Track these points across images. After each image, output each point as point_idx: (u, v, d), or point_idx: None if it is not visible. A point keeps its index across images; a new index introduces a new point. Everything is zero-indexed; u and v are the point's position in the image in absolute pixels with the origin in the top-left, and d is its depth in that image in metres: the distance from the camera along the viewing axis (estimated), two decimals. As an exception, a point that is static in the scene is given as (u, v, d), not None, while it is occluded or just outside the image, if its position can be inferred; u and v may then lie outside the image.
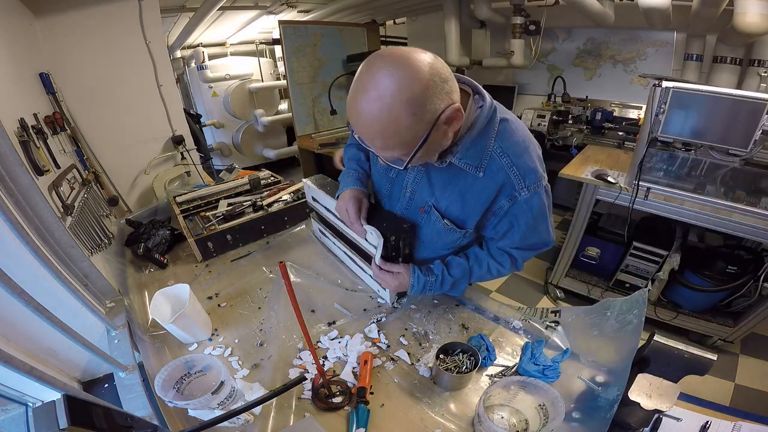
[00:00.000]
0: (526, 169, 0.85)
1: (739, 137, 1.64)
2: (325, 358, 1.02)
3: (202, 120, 4.22)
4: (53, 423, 0.49)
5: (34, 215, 1.04)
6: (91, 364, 1.12)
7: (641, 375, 0.77)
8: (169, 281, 1.38)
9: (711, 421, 0.85)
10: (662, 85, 1.71)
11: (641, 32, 3.02)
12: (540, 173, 0.88)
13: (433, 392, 0.92)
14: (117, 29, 1.81)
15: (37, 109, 1.35)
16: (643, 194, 2.02)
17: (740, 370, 2.11)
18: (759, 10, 1.94)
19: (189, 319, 1.04)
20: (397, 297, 1.21)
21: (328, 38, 3.47)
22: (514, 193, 0.87)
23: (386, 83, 0.65)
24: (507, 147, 0.85)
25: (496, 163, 0.85)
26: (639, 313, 0.83)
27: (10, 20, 1.38)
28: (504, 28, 3.55)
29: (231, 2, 3.19)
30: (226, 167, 3.22)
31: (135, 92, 1.96)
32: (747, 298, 2.08)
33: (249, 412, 0.83)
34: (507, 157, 0.85)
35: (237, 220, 1.57)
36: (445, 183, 0.93)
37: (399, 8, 3.85)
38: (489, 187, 0.88)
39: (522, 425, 0.83)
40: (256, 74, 4.71)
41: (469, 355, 0.94)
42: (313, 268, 1.40)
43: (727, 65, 2.50)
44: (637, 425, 0.76)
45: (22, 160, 1.03)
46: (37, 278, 0.97)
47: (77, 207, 1.35)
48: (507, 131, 0.85)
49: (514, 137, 0.86)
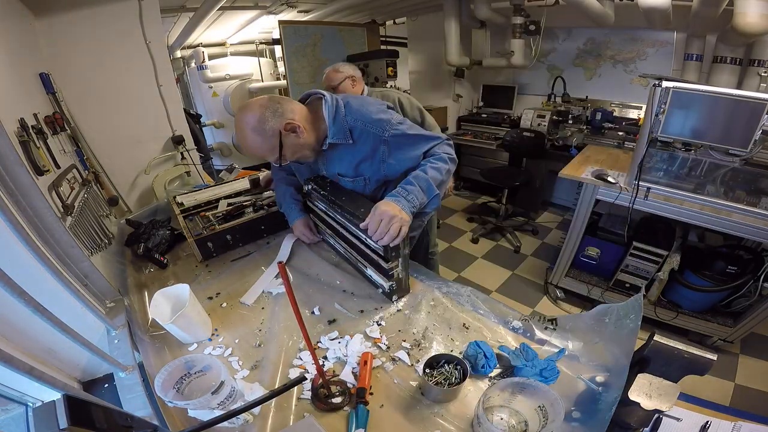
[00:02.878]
0: (375, 121, 1.19)
1: (739, 137, 1.64)
2: (324, 359, 1.02)
3: (202, 120, 4.21)
4: (53, 423, 0.49)
5: (34, 215, 1.04)
6: (91, 364, 1.12)
7: (641, 375, 0.77)
8: (169, 281, 1.38)
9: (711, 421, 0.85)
10: (662, 85, 1.71)
11: (641, 32, 3.02)
12: (386, 119, 1.19)
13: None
14: (117, 29, 1.81)
15: (37, 109, 1.35)
16: (643, 194, 2.02)
17: (740, 370, 2.11)
18: (759, 10, 1.94)
19: (189, 319, 1.04)
20: (398, 296, 1.21)
21: (328, 38, 3.47)
22: (382, 137, 1.19)
23: (241, 124, 1.10)
24: (355, 116, 1.20)
25: (357, 128, 1.19)
26: (636, 318, 0.84)
27: (10, 20, 1.38)
28: (504, 28, 3.55)
29: (231, 2, 3.18)
30: (226, 167, 3.22)
31: (135, 92, 1.96)
32: (747, 298, 2.08)
33: (249, 412, 0.83)
34: (359, 121, 1.19)
35: (237, 220, 1.57)
36: (337, 159, 1.28)
37: (399, 8, 3.84)
38: (364, 146, 1.21)
39: (521, 426, 0.83)
40: (256, 74, 4.71)
41: (455, 365, 0.93)
42: (313, 268, 1.40)
43: (727, 65, 2.50)
44: (637, 425, 0.76)
45: (22, 160, 1.03)
46: (37, 278, 0.97)
47: (77, 207, 1.35)
48: (349, 107, 1.21)
49: (355, 109, 1.21)
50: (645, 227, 2.39)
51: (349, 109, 1.21)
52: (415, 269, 1.36)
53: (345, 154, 1.26)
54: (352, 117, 1.20)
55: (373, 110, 1.21)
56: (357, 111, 1.21)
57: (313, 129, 1.20)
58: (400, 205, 1.09)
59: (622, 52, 3.25)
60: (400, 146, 1.22)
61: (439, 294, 1.24)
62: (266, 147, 1.13)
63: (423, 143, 1.25)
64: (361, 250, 1.25)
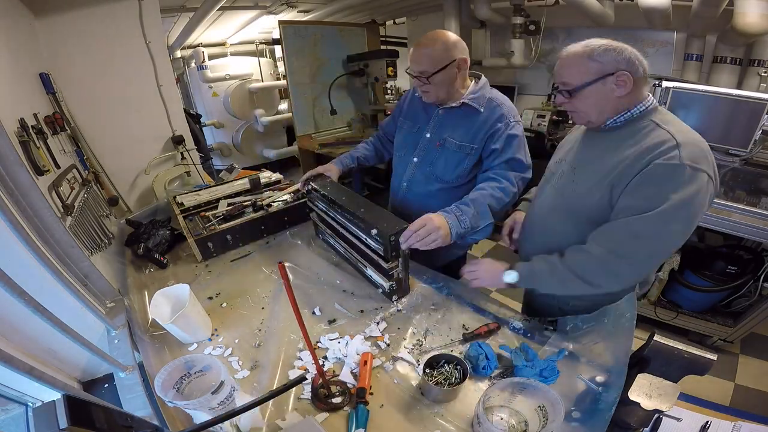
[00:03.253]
0: (510, 108, 1.30)
1: (739, 137, 1.64)
2: (325, 359, 1.02)
3: (202, 120, 4.21)
4: (53, 423, 0.48)
5: (34, 215, 1.04)
6: (91, 364, 1.12)
7: (641, 375, 0.77)
8: (169, 281, 1.38)
9: (711, 421, 0.85)
10: (662, 85, 1.71)
11: (641, 32, 3.01)
12: (518, 118, 1.30)
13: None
14: (117, 29, 1.81)
15: (37, 109, 1.35)
16: (643, 194, 2.02)
17: (740, 370, 2.11)
18: (759, 10, 1.94)
19: (189, 319, 1.04)
20: (398, 296, 1.21)
21: (328, 38, 3.46)
22: (506, 120, 1.26)
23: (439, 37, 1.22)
24: (497, 97, 1.31)
25: (491, 103, 1.28)
26: (631, 317, 0.85)
27: (10, 20, 1.38)
28: (504, 28, 3.54)
29: (231, 2, 3.18)
30: (226, 167, 3.22)
31: (135, 92, 1.96)
32: (747, 298, 2.08)
33: (249, 412, 0.83)
34: (497, 101, 1.29)
35: (237, 220, 1.57)
36: (455, 122, 1.33)
37: (399, 8, 3.84)
38: (489, 117, 1.27)
39: (522, 426, 0.83)
40: (256, 74, 4.70)
41: (455, 365, 0.93)
42: (313, 268, 1.40)
43: (727, 65, 2.50)
44: (637, 425, 0.76)
45: (22, 160, 1.03)
46: (37, 278, 0.97)
47: (77, 207, 1.35)
48: (494, 93, 1.33)
49: (502, 97, 1.32)
50: (645, 227, 2.39)
51: (495, 92, 1.33)
52: (415, 269, 1.36)
53: (464, 120, 1.31)
54: (494, 95, 1.31)
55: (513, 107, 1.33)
56: (500, 96, 1.32)
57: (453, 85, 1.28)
58: (449, 222, 1.12)
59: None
60: (508, 138, 1.26)
61: (439, 294, 1.24)
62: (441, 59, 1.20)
63: (517, 158, 1.27)
64: (361, 250, 1.25)
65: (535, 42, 3.18)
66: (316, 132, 3.69)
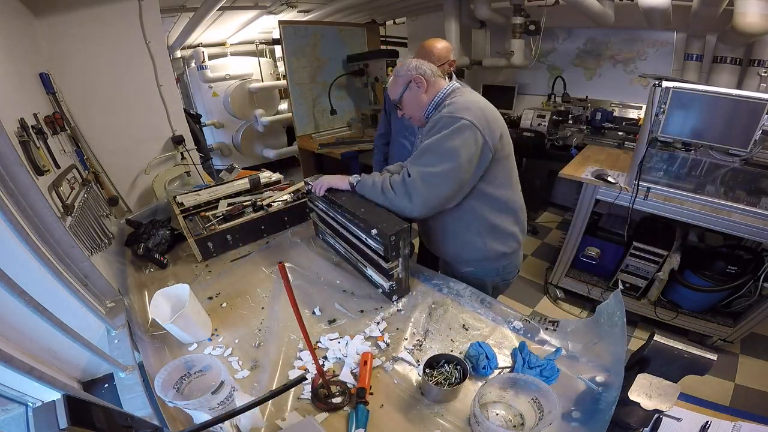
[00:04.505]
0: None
1: (739, 137, 1.64)
2: (325, 359, 1.02)
3: (202, 120, 4.21)
4: (53, 423, 0.48)
5: (34, 215, 1.04)
6: (91, 364, 1.12)
7: (641, 375, 0.77)
8: (169, 281, 1.38)
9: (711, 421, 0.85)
10: (662, 85, 1.70)
11: (641, 32, 3.01)
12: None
13: (433, 392, 0.92)
14: (117, 29, 1.81)
15: (37, 109, 1.35)
16: (643, 194, 2.02)
17: (740, 370, 2.11)
18: (759, 10, 1.94)
19: (189, 319, 1.04)
20: (398, 296, 1.21)
21: (328, 38, 3.47)
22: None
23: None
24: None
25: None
26: (621, 315, 0.86)
27: (10, 20, 1.38)
28: (504, 28, 3.54)
29: (231, 2, 3.18)
30: (226, 167, 3.21)
31: (135, 92, 1.96)
32: (747, 298, 2.07)
33: (249, 412, 0.83)
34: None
35: (237, 220, 1.57)
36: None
37: (399, 8, 3.84)
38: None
39: (518, 420, 0.84)
40: (256, 74, 4.70)
41: (455, 364, 0.93)
42: (313, 268, 1.40)
43: (727, 65, 2.50)
44: (637, 425, 0.76)
45: (22, 160, 1.03)
46: (37, 278, 0.97)
47: (77, 207, 1.35)
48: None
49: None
50: (645, 227, 2.39)
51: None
52: (415, 269, 1.36)
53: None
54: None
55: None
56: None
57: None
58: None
59: (622, 52, 3.25)
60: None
61: (440, 294, 1.25)
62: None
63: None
64: (361, 250, 1.25)
65: (535, 42, 3.17)
66: (316, 132, 3.69)
